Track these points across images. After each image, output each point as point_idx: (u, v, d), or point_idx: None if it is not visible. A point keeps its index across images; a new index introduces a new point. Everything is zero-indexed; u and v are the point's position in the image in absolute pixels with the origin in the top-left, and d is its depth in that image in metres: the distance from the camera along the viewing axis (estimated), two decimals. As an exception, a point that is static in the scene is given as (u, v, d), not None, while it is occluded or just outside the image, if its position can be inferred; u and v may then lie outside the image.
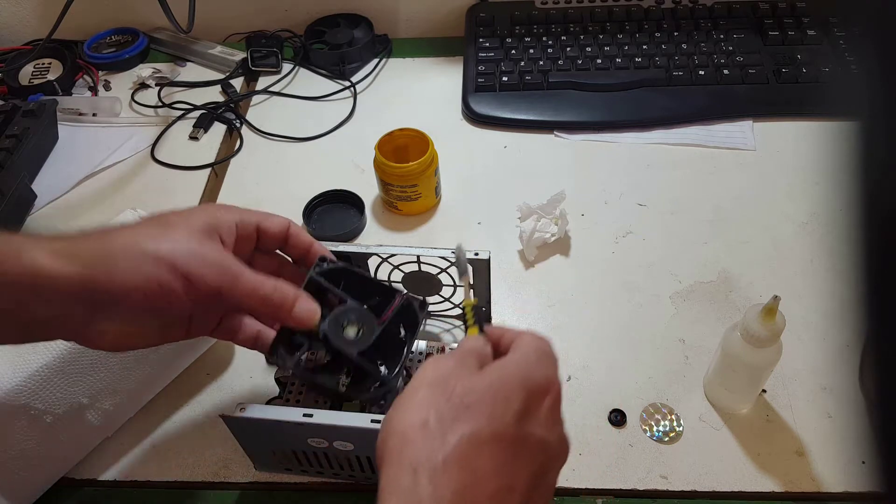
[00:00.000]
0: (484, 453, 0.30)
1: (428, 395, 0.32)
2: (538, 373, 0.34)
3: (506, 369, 0.33)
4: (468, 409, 0.31)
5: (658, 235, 0.64)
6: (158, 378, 0.53)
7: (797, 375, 0.52)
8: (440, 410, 0.31)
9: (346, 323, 0.43)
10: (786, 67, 0.75)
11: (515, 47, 0.80)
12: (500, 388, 0.32)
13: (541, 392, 0.33)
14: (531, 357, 0.34)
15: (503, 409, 0.31)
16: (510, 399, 0.32)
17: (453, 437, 0.30)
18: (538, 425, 0.32)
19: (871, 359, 0.18)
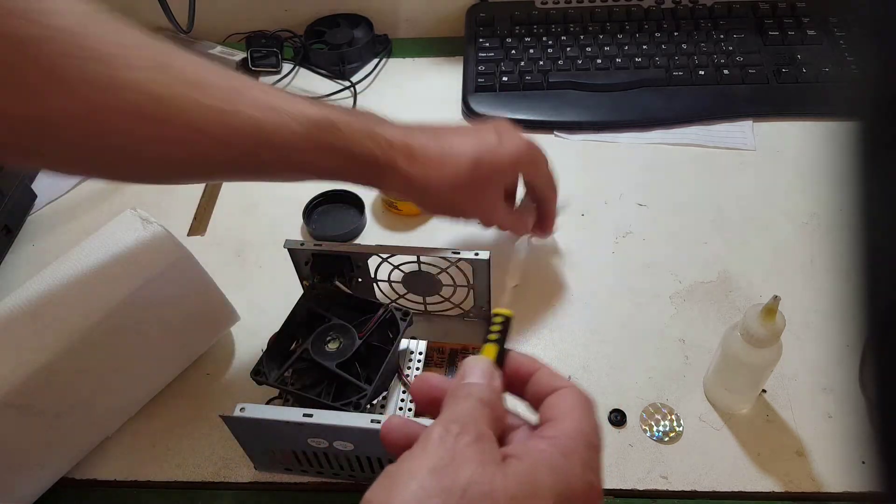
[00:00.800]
0: None
1: (425, 489, 0.24)
2: (579, 475, 0.26)
3: (537, 469, 0.25)
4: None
5: (658, 235, 0.64)
6: (158, 378, 0.53)
7: (797, 375, 0.52)
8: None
9: (329, 338, 0.48)
10: (786, 67, 0.75)
11: (515, 47, 0.80)
12: (525, 495, 0.24)
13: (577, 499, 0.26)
14: (572, 447, 0.27)
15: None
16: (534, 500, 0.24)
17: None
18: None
19: (871, 359, 0.18)
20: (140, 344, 0.50)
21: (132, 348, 0.49)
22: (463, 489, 0.23)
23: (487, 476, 0.24)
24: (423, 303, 0.56)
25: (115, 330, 0.48)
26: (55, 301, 0.49)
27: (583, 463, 0.26)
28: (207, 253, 0.55)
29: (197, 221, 0.69)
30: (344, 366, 0.47)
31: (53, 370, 0.46)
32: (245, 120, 0.40)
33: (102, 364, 0.48)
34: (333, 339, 0.48)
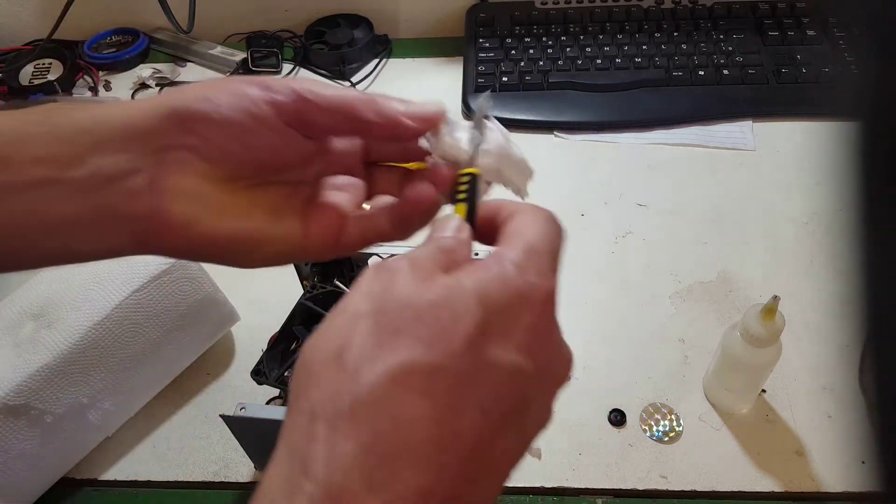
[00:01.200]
0: (412, 394, 0.22)
1: (353, 316, 0.23)
2: (517, 284, 0.24)
3: (464, 279, 0.24)
4: (397, 335, 0.22)
5: (658, 235, 0.64)
6: (158, 378, 0.53)
7: (797, 375, 0.52)
8: (363, 336, 0.23)
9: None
10: (785, 67, 0.75)
11: (515, 47, 0.80)
12: (446, 303, 0.23)
13: (515, 305, 0.24)
14: (517, 259, 0.25)
15: (447, 332, 0.23)
16: (459, 318, 0.23)
17: (370, 374, 0.22)
18: (506, 349, 0.24)
19: (870, 358, 0.18)
20: (140, 344, 0.50)
21: (132, 348, 0.49)
22: (384, 307, 0.23)
23: (408, 290, 0.23)
24: (423, 303, 0.56)
25: (115, 330, 0.48)
26: (56, 301, 0.49)
27: (525, 263, 0.25)
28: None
29: (197, 221, 0.69)
30: None
31: (54, 370, 0.46)
32: None
33: (102, 364, 0.48)
34: None
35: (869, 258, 0.18)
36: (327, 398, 0.22)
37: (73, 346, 0.47)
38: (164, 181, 0.29)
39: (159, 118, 0.29)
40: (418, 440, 0.22)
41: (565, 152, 0.72)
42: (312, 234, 0.31)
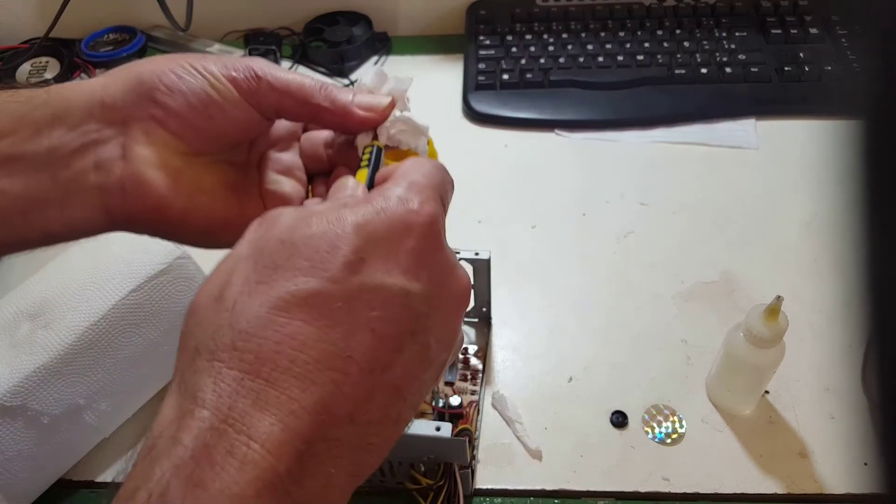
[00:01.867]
0: (294, 320, 0.22)
1: (234, 259, 0.24)
2: (392, 209, 0.25)
3: (345, 213, 0.24)
4: (275, 269, 0.23)
5: (660, 235, 0.63)
6: (156, 378, 0.53)
7: (800, 376, 0.52)
8: (242, 275, 0.23)
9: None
10: (788, 66, 0.75)
11: (516, 45, 0.80)
12: (324, 235, 0.24)
13: (396, 231, 0.25)
14: (395, 193, 0.26)
15: (325, 260, 0.23)
16: (337, 247, 0.23)
17: (250, 307, 0.22)
18: (388, 271, 0.24)
19: (874, 359, 0.18)
20: (137, 345, 0.49)
21: (129, 349, 0.49)
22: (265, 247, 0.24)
23: (289, 226, 0.24)
24: (423, 303, 0.56)
25: (113, 330, 0.48)
26: (52, 302, 0.48)
27: (398, 197, 0.26)
28: (206, 252, 0.55)
29: (195, 221, 0.68)
30: None
31: (50, 371, 0.46)
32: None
33: (99, 365, 0.48)
34: None
35: (873, 258, 0.18)
36: (209, 334, 0.23)
37: (69, 346, 0.46)
38: (136, 150, 0.29)
39: (123, 90, 0.29)
40: (304, 360, 0.22)
41: (566, 151, 0.72)
42: None
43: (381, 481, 0.46)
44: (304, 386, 0.22)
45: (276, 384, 0.22)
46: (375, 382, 0.23)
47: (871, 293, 0.18)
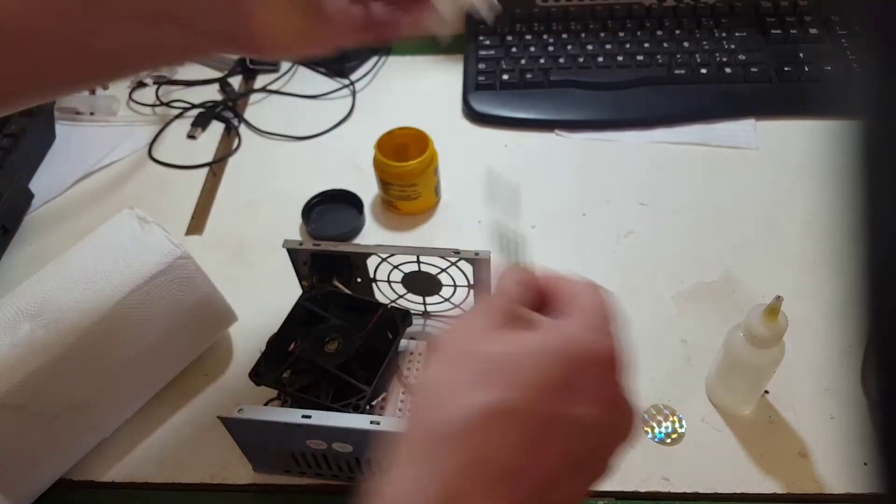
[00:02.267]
0: (503, 426, 0.26)
1: (446, 361, 0.28)
2: (590, 343, 0.28)
3: (547, 341, 0.28)
4: (489, 375, 0.27)
5: (660, 235, 0.63)
6: (156, 379, 0.53)
7: (800, 376, 0.52)
8: (457, 375, 0.27)
9: (327, 339, 0.47)
10: (788, 66, 0.75)
11: (516, 45, 0.80)
12: (533, 355, 0.27)
13: (590, 363, 0.28)
14: (585, 322, 0.29)
15: (533, 380, 0.27)
16: (544, 370, 0.27)
17: (463, 408, 0.26)
18: (579, 403, 0.27)
19: (873, 360, 0.18)
20: (138, 345, 0.49)
21: (130, 349, 0.49)
22: (475, 352, 0.28)
23: (495, 338, 0.28)
24: (423, 303, 0.56)
25: (113, 330, 0.48)
26: (52, 301, 0.48)
27: (593, 330, 0.29)
28: (205, 253, 0.55)
29: (195, 221, 0.68)
30: (343, 367, 0.47)
31: (51, 371, 0.46)
32: None
33: (100, 364, 0.48)
34: (332, 339, 0.48)
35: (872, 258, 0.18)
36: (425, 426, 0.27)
37: (70, 346, 0.46)
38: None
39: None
40: (493, 471, 0.25)
41: (567, 151, 0.72)
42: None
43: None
44: (483, 484, 0.25)
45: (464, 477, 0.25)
46: (540, 499, 0.26)
47: (870, 293, 0.18)
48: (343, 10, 0.39)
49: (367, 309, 0.50)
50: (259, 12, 0.36)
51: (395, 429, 0.31)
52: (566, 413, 0.27)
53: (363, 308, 0.50)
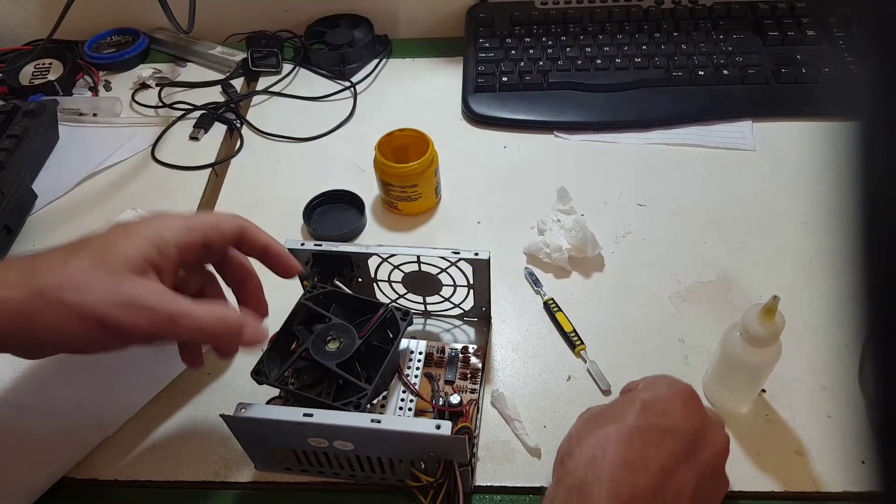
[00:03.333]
0: (609, 440, 0.37)
1: (575, 431, 0.41)
2: (658, 386, 0.41)
3: (629, 394, 0.42)
4: (597, 420, 0.39)
5: (658, 235, 0.64)
6: (159, 378, 0.53)
7: (797, 375, 0.52)
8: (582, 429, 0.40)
9: (329, 339, 0.48)
10: (785, 68, 0.75)
11: (515, 47, 0.80)
12: (622, 401, 0.41)
13: (665, 396, 0.40)
14: (651, 381, 0.42)
15: (624, 411, 0.39)
16: (630, 404, 0.39)
17: (586, 442, 0.38)
18: (663, 416, 0.38)
19: (870, 359, 0.18)
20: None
21: (132, 347, 0.49)
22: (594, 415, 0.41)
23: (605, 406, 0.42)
24: (424, 303, 0.56)
25: (116, 330, 0.48)
26: (56, 301, 0.49)
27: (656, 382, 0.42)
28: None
29: (197, 221, 0.69)
30: (344, 365, 0.47)
31: (53, 370, 0.46)
32: None
33: (102, 363, 0.48)
34: (334, 338, 0.48)
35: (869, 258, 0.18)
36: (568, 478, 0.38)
37: (73, 345, 0.47)
38: None
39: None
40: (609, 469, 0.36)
41: (565, 152, 0.72)
42: None
43: (383, 479, 0.47)
44: (619, 469, 0.36)
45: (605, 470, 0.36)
46: (664, 477, 0.36)
47: (867, 293, 0.18)
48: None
49: (368, 308, 0.50)
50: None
51: (397, 427, 0.41)
52: (650, 424, 0.38)
53: (364, 307, 0.50)
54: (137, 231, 0.40)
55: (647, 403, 0.39)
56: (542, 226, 0.64)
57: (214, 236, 0.43)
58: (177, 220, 0.42)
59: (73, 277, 0.37)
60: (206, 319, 0.39)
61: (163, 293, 0.39)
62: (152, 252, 0.39)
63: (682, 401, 0.40)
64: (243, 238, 0.44)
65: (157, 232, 0.40)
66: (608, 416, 0.39)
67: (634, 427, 0.38)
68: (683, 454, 0.37)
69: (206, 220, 0.43)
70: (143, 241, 0.39)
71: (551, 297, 0.58)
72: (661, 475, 0.36)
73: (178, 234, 0.41)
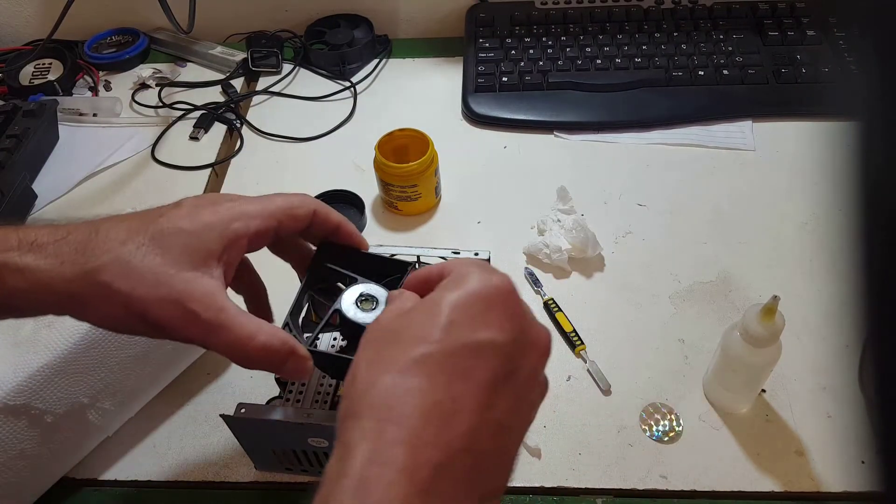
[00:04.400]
0: (409, 377, 0.29)
1: (362, 349, 0.32)
2: (468, 284, 0.32)
3: (429, 297, 0.32)
4: (392, 346, 0.31)
5: (658, 235, 0.64)
6: (159, 378, 0.53)
7: (797, 375, 0.52)
8: (368, 359, 0.31)
9: (360, 299, 0.42)
10: (785, 68, 0.75)
11: (515, 47, 0.80)
12: (422, 314, 0.31)
13: (476, 298, 0.31)
14: (457, 275, 0.32)
15: (427, 326, 0.30)
16: (433, 319, 0.30)
17: (380, 379, 0.29)
18: (477, 330, 0.30)
19: (870, 358, 0.18)
20: (140, 343, 0.50)
21: (132, 348, 0.49)
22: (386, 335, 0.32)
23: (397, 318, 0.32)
24: (424, 303, 0.56)
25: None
26: (56, 301, 0.49)
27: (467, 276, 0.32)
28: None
29: (197, 221, 0.69)
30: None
31: (53, 370, 0.46)
32: None
33: (103, 364, 0.48)
34: (367, 299, 0.42)
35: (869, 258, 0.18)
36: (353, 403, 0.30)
37: (73, 345, 0.47)
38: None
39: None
40: (421, 405, 0.28)
41: (565, 152, 0.72)
42: None
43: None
44: (425, 425, 0.28)
45: (404, 426, 0.28)
46: (481, 419, 0.29)
47: (867, 293, 0.18)
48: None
49: (392, 268, 0.44)
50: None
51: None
52: (466, 343, 0.30)
53: (387, 269, 0.44)
54: (206, 217, 0.36)
55: (457, 311, 0.30)
56: (542, 226, 0.64)
57: (288, 223, 0.40)
58: (251, 207, 0.38)
59: (127, 263, 0.34)
60: (249, 339, 0.35)
61: (213, 296, 0.35)
62: (217, 244, 0.36)
63: (500, 299, 0.31)
64: (314, 221, 0.41)
65: (228, 221, 0.37)
66: (407, 337, 0.30)
67: (440, 353, 0.29)
68: (503, 374, 0.30)
69: (280, 206, 0.39)
70: (210, 230, 0.36)
71: (551, 298, 0.58)
72: (476, 416, 0.29)
73: (250, 223, 0.38)
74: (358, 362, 0.31)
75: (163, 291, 0.34)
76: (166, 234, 0.35)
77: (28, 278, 0.34)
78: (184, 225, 0.36)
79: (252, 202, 0.39)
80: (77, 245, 0.35)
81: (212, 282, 0.36)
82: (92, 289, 0.34)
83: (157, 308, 0.34)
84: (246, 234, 0.37)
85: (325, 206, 0.41)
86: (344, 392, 0.31)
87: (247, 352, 0.35)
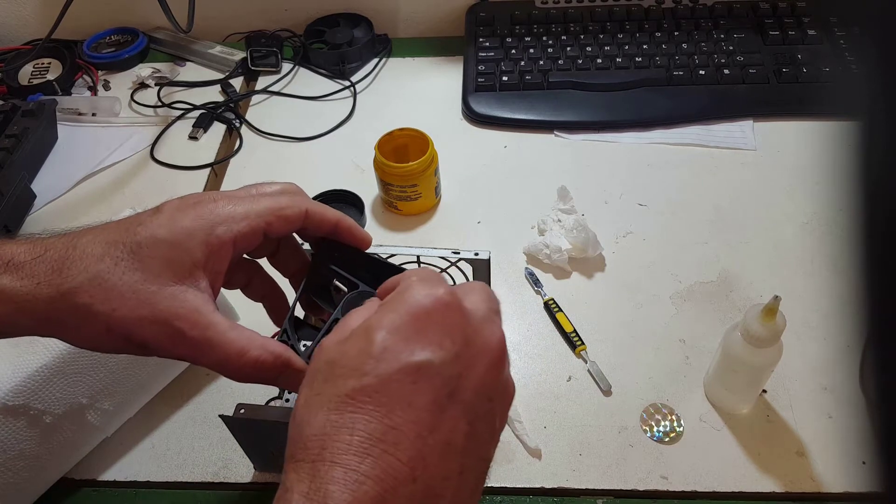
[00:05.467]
0: (345, 413, 0.28)
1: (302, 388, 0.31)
2: (404, 303, 0.30)
3: (364, 324, 0.31)
4: (326, 383, 0.29)
5: (658, 235, 0.64)
6: (158, 378, 0.53)
7: (798, 375, 0.52)
8: (305, 396, 0.30)
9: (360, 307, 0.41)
10: (786, 67, 0.75)
11: (515, 47, 0.80)
12: (353, 344, 0.30)
13: (411, 318, 0.30)
14: (398, 292, 0.31)
15: (357, 361, 0.29)
16: (363, 348, 0.29)
17: (313, 416, 0.29)
18: (412, 352, 0.29)
19: (871, 359, 0.18)
20: (139, 344, 0.49)
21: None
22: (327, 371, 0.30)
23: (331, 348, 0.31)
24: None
25: (115, 330, 0.48)
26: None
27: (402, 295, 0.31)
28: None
29: (197, 221, 0.68)
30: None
31: (52, 370, 0.46)
32: None
33: (102, 364, 0.48)
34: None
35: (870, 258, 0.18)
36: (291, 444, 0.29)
37: (72, 346, 0.46)
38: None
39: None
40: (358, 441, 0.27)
41: (565, 152, 0.72)
42: None
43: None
44: (361, 459, 0.27)
45: (340, 463, 0.27)
46: (425, 444, 0.28)
47: (868, 293, 0.18)
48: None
49: (393, 272, 0.42)
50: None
51: None
52: (412, 362, 0.29)
53: (387, 273, 0.41)
54: (186, 224, 0.34)
55: (391, 335, 0.29)
56: (543, 226, 0.64)
57: (278, 224, 0.37)
58: (236, 209, 0.36)
59: (105, 281, 0.33)
60: (235, 358, 0.34)
61: (198, 312, 0.34)
62: (200, 252, 0.34)
63: (438, 315, 0.30)
64: (308, 221, 0.38)
65: (211, 226, 0.35)
66: (340, 371, 0.29)
67: (374, 385, 0.28)
68: (446, 394, 0.28)
69: (268, 207, 0.37)
70: (191, 238, 0.34)
71: (552, 298, 0.58)
72: (419, 442, 0.27)
73: (234, 227, 0.35)
74: (297, 401, 0.30)
75: (145, 311, 0.33)
76: (144, 247, 0.34)
77: (4, 301, 0.32)
78: (163, 234, 0.34)
79: (238, 203, 0.36)
80: (54, 263, 0.33)
81: (197, 295, 0.34)
82: (71, 311, 0.33)
83: (141, 329, 0.33)
84: (231, 239, 0.35)
85: (319, 205, 0.39)
86: (289, 433, 0.30)
87: (238, 368, 0.34)
